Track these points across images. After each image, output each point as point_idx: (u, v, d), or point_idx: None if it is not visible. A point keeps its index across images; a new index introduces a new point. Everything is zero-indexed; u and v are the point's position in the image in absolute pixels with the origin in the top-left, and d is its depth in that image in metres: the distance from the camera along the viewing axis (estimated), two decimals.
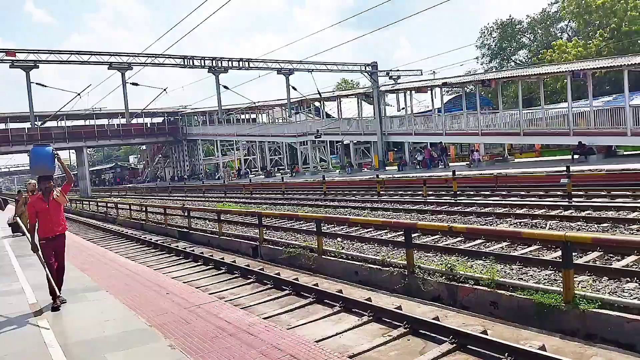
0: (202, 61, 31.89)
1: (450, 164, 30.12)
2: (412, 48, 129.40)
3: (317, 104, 46.27)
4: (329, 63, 35.55)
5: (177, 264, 11.25)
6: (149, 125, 59.47)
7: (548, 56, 44.12)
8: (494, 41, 58.54)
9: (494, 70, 54.50)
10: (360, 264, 8.43)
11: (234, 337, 4.81)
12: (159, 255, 12.81)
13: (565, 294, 5.42)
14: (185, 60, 31.45)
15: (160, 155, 70.21)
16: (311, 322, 6.27)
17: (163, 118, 60.82)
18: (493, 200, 14.87)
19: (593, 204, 12.09)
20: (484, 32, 59.02)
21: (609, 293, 5.64)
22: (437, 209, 14.35)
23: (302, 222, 14.05)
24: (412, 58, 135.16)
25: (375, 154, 36.64)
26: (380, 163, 35.17)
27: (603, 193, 14.03)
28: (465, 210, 13.49)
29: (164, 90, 32.17)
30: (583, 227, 9.73)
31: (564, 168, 14.49)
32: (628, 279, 6.07)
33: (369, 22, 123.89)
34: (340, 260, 8.93)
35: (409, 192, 20.47)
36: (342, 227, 12.64)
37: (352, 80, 77.90)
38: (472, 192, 17.80)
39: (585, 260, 7.06)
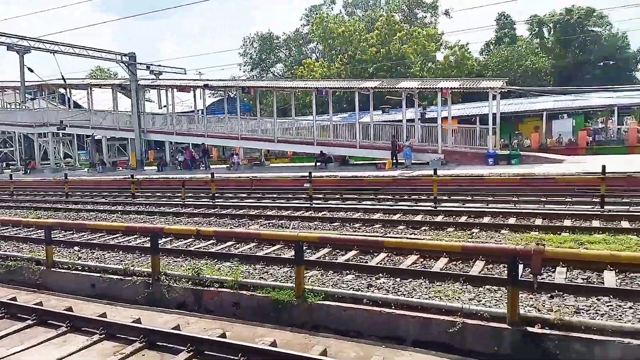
0: None
1: (212, 166, 30.38)
2: (177, 44, 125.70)
3: (62, 91, 40.22)
4: (77, 46, 31.30)
5: None
6: None
7: (299, 72, 49.27)
8: (255, 51, 62.19)
9: (254, 78, 57.84)
10: (99, 275, 7.58)
11: None
12: None
13: (297, 289, 5.98)
14: None
15: None
16: (28, 349, 5.29)
17: None
18: (248, 203, 15.59)
19: (329, 206, 13.89)
20: (246, 42, 62.17)
21: (332, 285, 6.46)
22: (195, 211, 14.19)
23: (31, 229, 11.86)
24: (176, 54, 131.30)
25: (132, 152, 34.08)
26: (138, 162, 32.90)
27: (337, 196, 16.33)
28: (222, 212, 13.71)
29: None
30: (319, 226, 11.04)
31: (308, 173, 16.29)
32: (347, 271, 7.09)
33: (133, 10, 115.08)
34: (75, 272, 7.86)
35: (168, 194, 19.73)
36: (82, 234, 11.20)
37: (108, 69, 71.02)
38: (230, 195, 18.31)
39: (317, 256, 7.99)
